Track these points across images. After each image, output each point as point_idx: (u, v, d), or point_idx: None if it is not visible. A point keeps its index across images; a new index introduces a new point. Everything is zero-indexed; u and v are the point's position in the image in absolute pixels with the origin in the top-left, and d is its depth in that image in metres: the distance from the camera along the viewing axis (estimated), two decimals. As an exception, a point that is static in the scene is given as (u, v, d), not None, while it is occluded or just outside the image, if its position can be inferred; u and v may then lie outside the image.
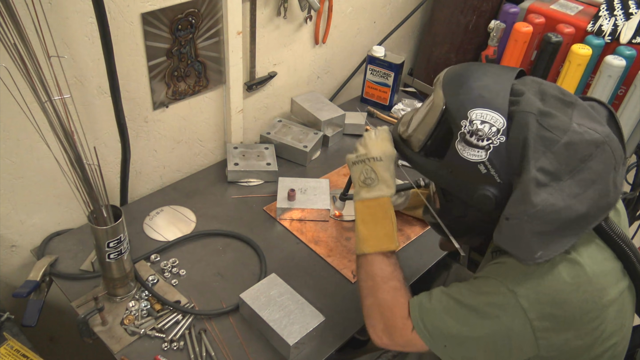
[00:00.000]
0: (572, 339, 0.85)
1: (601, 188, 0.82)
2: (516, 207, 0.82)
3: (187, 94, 1.43)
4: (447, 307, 0.90)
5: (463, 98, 0.87)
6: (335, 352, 1.14)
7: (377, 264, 1.01)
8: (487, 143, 0.84)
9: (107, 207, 1.04)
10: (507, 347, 0.86)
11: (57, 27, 1.09)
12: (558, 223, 0.81)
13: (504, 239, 0.85)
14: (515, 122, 0.84)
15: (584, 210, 0.81)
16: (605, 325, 0.87)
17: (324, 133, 1.69)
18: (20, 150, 1.17)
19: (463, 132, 0.86)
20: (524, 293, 0.83)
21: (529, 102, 0.85)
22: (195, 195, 1.48)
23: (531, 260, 0.82)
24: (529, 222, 0.81)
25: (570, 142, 0.81)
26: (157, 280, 1.21)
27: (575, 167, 0.81)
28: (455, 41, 1.95)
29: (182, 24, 1.30)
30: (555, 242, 0.82)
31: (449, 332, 0.89)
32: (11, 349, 1.00)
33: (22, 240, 1.28)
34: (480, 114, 0.85)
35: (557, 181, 0.81)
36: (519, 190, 0.82)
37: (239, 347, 1.11)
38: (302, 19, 1.63)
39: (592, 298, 0.84)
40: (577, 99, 0.87)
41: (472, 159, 0.86)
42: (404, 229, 1.44)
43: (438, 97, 0.91)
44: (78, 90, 1.20)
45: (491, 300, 0.86)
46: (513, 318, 0.84)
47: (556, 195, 0.80)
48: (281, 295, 1.14)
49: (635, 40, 1.64)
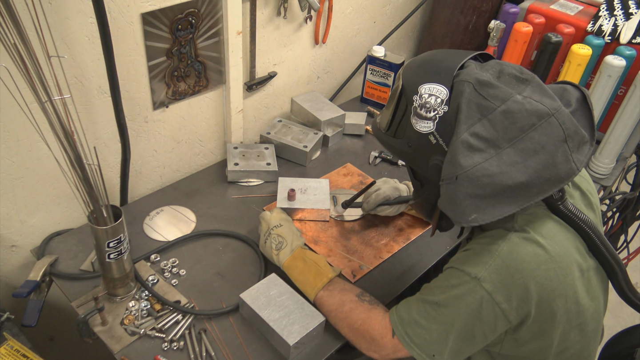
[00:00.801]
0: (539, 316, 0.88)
1: (545, 159, 0.84)
2: (448, 168, 0.87)
3: (187, 94, 1.43)
4: (424, 313, 0.95)
5: (416, 77, 0.93)
6: (335, 352, 1.14)
7: (325, 301, 1.12)
8: (434, 114, 0.90)
9: (107, 207, 1.04)
10: (481, 330, 0.90)
11: (57, 27, 1.09)
12: (493, 188, 0.83)
13: (442, 201, 0.90)
14: (454, 91, 0.88)
15: (524, 179, 0.83)
16: (570, 304, 0.90)
17: (324, 133, 1.69)
18: (20, 150, 1.17)
19: (415, 107, 0.92)
20: (486, 277, 0.87)
21: (468, 73, 0.89)
22: (195, 195, 1.48)
23: (465, 222, 0.86)
24: (460, 184, 0.84)
25: (507, 111, 0.84)
26: (157, 280, 1.21)
27: (515, 136, 0.84)
28: (455, 41, 1.95)
29: (182, 24, 1.30)
30: (492, 207, 0.84)
31: (431, 337, 0.94)
32: (11, 349, 1.00)
33: (22, 240, 1.28)
34: (428, 88, 0.90)
35: (495, 148, 0.84)
36: (449, 153, 0.87)
37: (239, 347, 1.11)
38: (302, 19, 1.63)
39: (555, 275, 0.87)
40: (534, 78, 0.90)
41: (424, 131, 0.92)
42: (404, 228, 1.44)
43: (398, 81, 0.98)
44: (78, 90, 1.20)
45: (458, 292, 0.90)
46: (481, 303, 0.88)
47: (491, 161, 0.83)
48: (281, 295, 1.14)
49: (635, 40, 1.64)
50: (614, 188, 1.93)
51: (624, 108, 1.60)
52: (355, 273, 1.29)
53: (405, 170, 1.65)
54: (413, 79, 0.94)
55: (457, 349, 0.94)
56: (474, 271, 0.88)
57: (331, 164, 1.65)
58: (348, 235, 1.40)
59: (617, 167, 1.75)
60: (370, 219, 1.45)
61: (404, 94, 0.95)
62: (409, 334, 0.95)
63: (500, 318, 0.88)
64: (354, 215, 1.45)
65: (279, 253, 1.20)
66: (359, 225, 1.44)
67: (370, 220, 1.45)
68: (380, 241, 1.40)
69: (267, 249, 1.23)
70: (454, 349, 0.94)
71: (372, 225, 1.44)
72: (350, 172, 1.62)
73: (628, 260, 2.03)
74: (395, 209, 1.41)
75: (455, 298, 0.90)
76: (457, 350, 0.94)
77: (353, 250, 1.36)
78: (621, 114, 1.61)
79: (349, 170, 1.63)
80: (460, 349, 0.94)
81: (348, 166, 1.65)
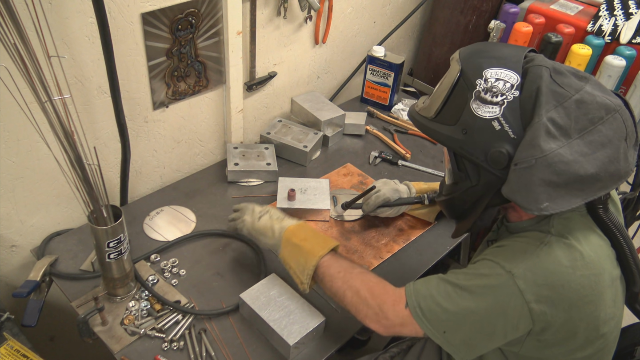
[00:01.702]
0: (567, 321, 0.86)
1: (611, 153, 0.83)
2: (525, 151, 0.83)
3: (187, 94, 1.43)
4: (444, 292, 0.91)
5: (479, 61, 0.90)
6: (335, 352, 1.14)
7: (334, 262, 1.07)
8: (501, 99, 0.87)
9: (107, 207, 1.04)
10: (503, 327, 0.88)
11: (57, 27, 1.09)
12: (567, 176, 0.82)
13: (512, 187, 0.86)
14: (530, 76, 0.86)
15: (593, 171, 0.82)
16: (599, 312, 0.88)
17: (324, 133, 1.69)
18: (20, 150, 1.17)
19: (478, 91, 0.88)
20: (521, 274, 0.85)
21: (543, 59, 0.88)
22: (195, 195, 1.48)
23: (537, 210, 0.82)
24: (537, 168, 0.82)
25: (581, 100, 0.83)
26: (157, 280, 1.21)
27: (585, 127, 0.83)
28: (455, 41, 1.95)
29: (182, 24, 1.30)
30: (562, 198, 0.82)
31: (447, 317, 0.90)
32: (11, 349, 1.00)
33: (22, 240, 1.28)
34: (495, 72, 0.88)
35: (567, 137, 0.82)
36: (528, 136, 0.84)
37: (239, 347, 1.11)
38: (302, 19, 1.63)
39: (588, 282, 0.85)
40: (591, 77, 0.89)
41: (487, 116, 0.88)
42: (404, 229, 1.44)
43: (454, 67, 0.94)
44: (78, 90, 1.20)
45: (488, 282, 0.87)
46: (510, 299, 0.85)
47: (565, 149, 0.82)
48: (281, 295, 1.14)
49: (635, 40, 1.64)
50: (614, 188, 1.93)
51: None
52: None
53: (405, 171, 1.65)
54: (475, 63, 0.90)
55: (472, 340, 0.91)
56: (509, 266, 0.86)
57: (331, 164, 1.65)
58: (348, 235, 1.40)
59: (617, 167, 1.75)
60: (370, 219, 1.45)
61: (464, 78, 0.91)
62: (422, 308, 0.92)
63: (525, 317, 0.86)
64: (354, 215, 1.45)
65: (283, 221, 1.17)
66: (359, 226, 1.44)
67: (370, 221, 1.45)
68: (380, 241, 1.39)
69: (262, 223, 1.18)
70: (469, 339, 0.90)
71: (372, 226, 1.44)
72: (350, 172, 1.62)
73: (628, 260, 2.03)
74: (395, 211, 1.40)
75: (484, 287, 0.88)
76: (471, 341, 0.91)
77: (353, 250, 1.36)
78: (621, 114, 1.61)
79: (349, 170, 1.63)
80: (475, 341, 0.91)
81: (348, 166, 1.65)
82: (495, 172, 0.89)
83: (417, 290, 0.95)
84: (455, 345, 0.91)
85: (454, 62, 0.95)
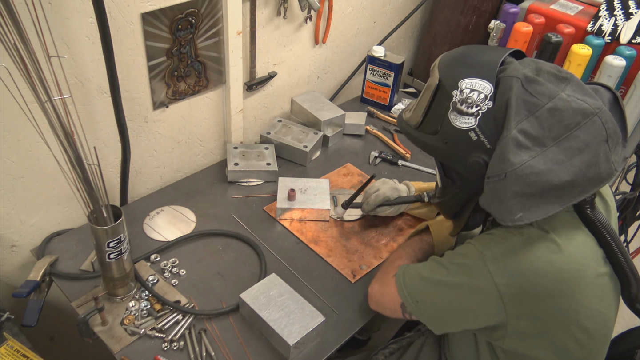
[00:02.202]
0: (541, 312, 0.88)
1: (589, 158, 0.84)
2: (496, 165, 0.85)
3: (187, 94, 1.43)
4: (427, 267, 1.00)
5: (455, 71, 0.91)
6: (335, 352, 1.14)
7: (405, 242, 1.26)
8: (476, 110, 0.88)
9: (107, 207, 1.04)
10: (473, 307, 0.91)
11: (57, 27, 1.09)
12: (539, 187, 0.83)
13: (487, 199, 0.88)
14: (501, 86, 0.87)
15: (568, 178, 0.83)
16: (578, 306, 0.89)
17: (324, 133, 1.69)
18: (20, 150, 1.17)
19: (455, 102, 0.90)
20: (492, 257, 0.88)
21: (515, 68, 0.87)
22: (195, 195, 1.48)
23: (510, 221, 0.84)
24: (508, 182, 0.83)
25: (554, 108, 0.83)
26: (157, 280, 1.21)
27: (560, 134, 0.83)
28: (455, 41, 1.95)
29: (182, 24, 1.30)
30: (537, 207, 0.84)
31: (422, 287, 0.99)
32: (11, 349, 1.00)
33: (22, 240, 1.28)
34: (470, 83, 0.89)
35: (541, 146, 0.83)
36: (498, 149, 0.85)
37: (239, 347, 1.11)
38: (302, 19, 1.63)
39: (565, 276, 0.86)
40: (573, 76, 0.89)
41: (463, 127, 0.90)
42: (404, 228, 1.44)
43: (434, 77, 0.96)
44: (78, 90, 1.20)
45: (463, 261, 0.93)
46: (479, 279, 0.89)
47: (538, 159, 0.82)
48: (281, 295, 1.14)
49: (635, 40, 1.64)
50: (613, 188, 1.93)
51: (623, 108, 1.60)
52: (355, 273, 1.29)
53: (405, 171, 1.65)
54: (452, 73, 0.91)
55: (442, 314, 0.97)
56: (482, 248, 0.90)
57: (331, 164, 1.65)
58: (348, 235, 1.40)
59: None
60: (370, 219, 1.45)
61: (442, 89, 0.93)
62: (404, 276, 1.02)
63: (496, 300, 0.88)
64: (354, 215, 1.45)
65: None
66: (359, 225, 1.44)
67: (370, 220, 1.45)
68: (380, 241, 1.40)
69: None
70: (440, 312, 0.98)
71: (372, 225, 1.44)
72: (350, 172, 1.62)
73: (628, 260, 2.03)
74: (395, 210, 1.40)
75: (459, 265, 0.94)
76: (442, 315, 0.97)
77: (353, 250, 1.36)
78: (621, 114, 1.61)
79: (349, 170, 1.63)
80: (446, 316, 0.97)
81: (348, 166, 1.65)
82: (475, 180, 0.91)
83: (408, 266, 1.05)
84: (428, 317, 1.00)
85: (434, 71, 0.96)
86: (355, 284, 1.27)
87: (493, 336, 0.95)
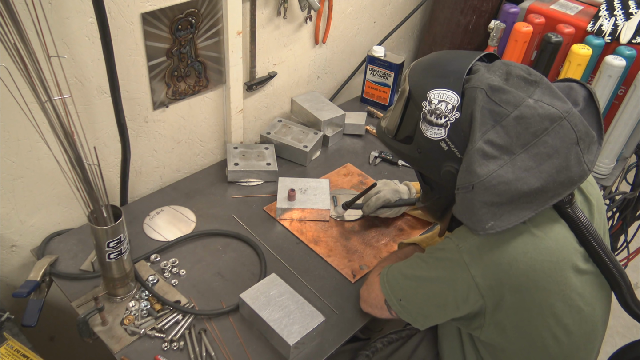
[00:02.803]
0: (517, 303, 0.88)
1: (558, 163, 0.84)
2: (464, 177, 0.86)
3: (187, 94, 1.43)
4: (409, 264, 1.02)
5: (424, 82, 0.92)
6: (335, 352, 1.14)
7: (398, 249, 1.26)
8: (445, 120, 0.89)
9: (107, 207, 1.04)
10: (453, 298, 0.92)
11: (57, 27, 1.09)
12: (509, 195, 0.83)
13: (458, 209, 0.89)
14: (466, 98, 0.87)
15: (538, 185, 0.83)
16: (554, 300, 0.89)
17: (324, 133, 1.69)
18: (20, 150, 1.17)
19: (424, 113, 0.91)
20: (467, 249, 0.89)
21: (480, 78, 0.87)
22: (195, 195, 1.48)
23: (482, 230, 0.85)
24: (476, 193, 0.84)
25: (520, 116, 0.84)
26: (157, 280, 1.21)
27: (528, 141, 0.84)
28: (455, 41, 1.95)
29: (182, 24, 1.30)
30: (508, 214, 0.85)
31: (403, 284, 1.01)
32: (11, 349, 1.00)
33: (22, 240, 1.28)
34: (438, 94, 0.89)
35: (509, 154, 0.84)
36: (465, 162, 0.86)
37: (239, 347, 1.11)
38: (302, 19, 1.63)
39: (542, 268, 0.87)
40: (543, 79, 0.89)
41: (434, 137, 0.91)
42: (404, 229, 1.44)
43: (404, 88, 0.97)
44: (78, 90, 1.20)
45: (441, 255, 0.95)
46: (456, 271, 0.90)
47: (506, 168, 0.83)
48: (281, 295, 1.14)
49: (635, 40, 1.64)
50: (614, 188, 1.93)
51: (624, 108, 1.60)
52: (355, 273, 1.29)
53: (405, 171, 1.65)
54: (420, 83, 0.92)
55: (425, 310, 0.98)
56: (458, 240, 0.92)
57: (331, 164, 1.65)
58: (348, 235, 1.40)
59: (617, 167, 1.75)
60: (370, 219, 1.45)
61: (412, 100, 0.94)
62: (388, 275, 1.04)
63: (474, 291, 0.89)
64: (354, 215, 1.45)
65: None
66: (359, 226, 1.44)
67: (370, 221, 1.45)
68: (380, 241, 1.40)
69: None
70: (422, 308, 0.99)
71: (373, 226, 1.44)
72: (350, 172, 1.62)
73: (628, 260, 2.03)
74: (395, 211, 1.40)
75: (436, 259, 0.96)
76: (424, 310, 0.99)
77: (353, 250, 1.36)
78: (621, 114, 1.61)
79: (349, 170, 1.63)
80: (428, 311, 0.98)
81: (348, 166, 1.65)
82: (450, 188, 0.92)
83: (391, 265, 1.06)
84: (412, 313, 1.01)
85: (405, 80, 0.97)
86: (355, 284, 1.27)
87: (472, 326, 0.96)
